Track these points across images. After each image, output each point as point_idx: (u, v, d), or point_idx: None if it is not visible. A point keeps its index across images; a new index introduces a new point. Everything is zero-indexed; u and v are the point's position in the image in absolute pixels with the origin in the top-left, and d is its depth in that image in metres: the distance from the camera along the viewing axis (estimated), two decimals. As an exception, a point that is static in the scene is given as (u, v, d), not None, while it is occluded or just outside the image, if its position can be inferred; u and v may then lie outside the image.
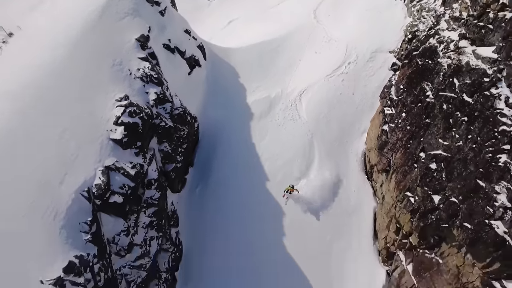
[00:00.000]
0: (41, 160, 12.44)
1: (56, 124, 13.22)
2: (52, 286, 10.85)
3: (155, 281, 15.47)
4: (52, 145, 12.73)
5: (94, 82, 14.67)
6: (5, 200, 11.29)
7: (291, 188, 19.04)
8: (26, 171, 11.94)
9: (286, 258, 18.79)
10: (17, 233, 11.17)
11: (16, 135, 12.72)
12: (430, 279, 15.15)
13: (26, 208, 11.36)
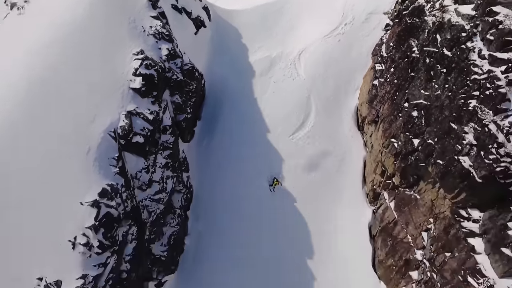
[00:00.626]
0: (75, 107, 14.40)
1: (84, 75, 15.06)
2: (90, 206, 13.07)
3: (171, 215, 17.80)
4: (82, 92, 14.61)
5: (114, 38, 16.33)
6: (51, 138, 13.39)
7: (277, 181, 20.67)
8: (64, 115, 13.97)
9: (282, 199, 21.25)
10: (62, 165, 13.35)
11: (49, 86, 14.60)
12: (408, 212, 17.48)
13: (67, 144, 13.53)
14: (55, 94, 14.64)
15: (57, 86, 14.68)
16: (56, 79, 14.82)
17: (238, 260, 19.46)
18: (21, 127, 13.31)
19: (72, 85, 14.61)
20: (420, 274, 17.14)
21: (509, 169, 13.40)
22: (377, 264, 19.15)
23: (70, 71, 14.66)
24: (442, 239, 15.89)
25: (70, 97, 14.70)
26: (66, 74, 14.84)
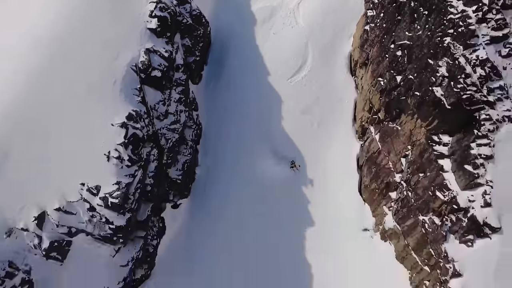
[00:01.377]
0: (101, 46, 16.54)
1: (108, 17, 17.09)
2: (119, 127, 15.46)
3: (184, 146, 20.31)
4: (107, 32, 16.63)
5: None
6: (84, 73, 15.66)
7: (294, 165, 22.46)
8: (92, 55, 16.19)
9: (282, 138, 23.69)
10: (95, 95, 15.72)
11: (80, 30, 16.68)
12: (390, 142, 20.01)
13: (97, 78, 15.85)
14: (84, 38, 16.83)
15: (85, 29, 16.92)
16: (84, 22, 17.02)
17: (242, 193, 22.47)
18: (58, 60, 15.50)
19: (99, 27, 16.81)
20: (398, 194, 20.05)
21: (474, 96, 15.76)
22: (362, 189, 22.10)
23: (97, 13, 16.77)
24: (417, 162, 18.56)
25: (96, 38, 16.78)
26: (94, 19, 16.91)
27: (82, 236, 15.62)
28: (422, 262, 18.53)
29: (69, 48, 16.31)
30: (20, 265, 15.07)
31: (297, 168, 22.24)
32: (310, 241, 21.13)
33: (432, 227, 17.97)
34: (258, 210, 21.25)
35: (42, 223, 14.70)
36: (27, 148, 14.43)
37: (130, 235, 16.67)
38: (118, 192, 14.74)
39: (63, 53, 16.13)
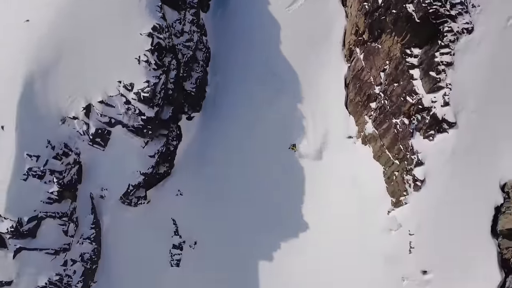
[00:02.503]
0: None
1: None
2: (146, 36, 18.75)
3: (196, 64, 23.67)
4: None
5: None
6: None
7: (293, 147, 25.36)
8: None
9: (282, 64, 26.92)
10: (124, 10, 18.77)
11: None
12: (372, 59, 23.34)
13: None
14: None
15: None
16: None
17: (247, 107, 26.11)
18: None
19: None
20: (377, 104, 23.70)
21: (439, 11, 18.82)
22: (348, 103, 25.80)
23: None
24: (393, 74, 22.00)
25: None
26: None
27: (119, 127, 19.49)
28: (393, 157, 22.63)
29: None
30: (72, 148, 19.06)
31: (295, 150, 25.50)
32: (304, 145, 25.36)
33: (402, 127, 21.86)
34: (261, 119, 25.47)
35: (88, 113, 18.47)
36: (76, 52, 17.81)
37: (156, 130, 20.59)
38: (148, 88, 18.33)
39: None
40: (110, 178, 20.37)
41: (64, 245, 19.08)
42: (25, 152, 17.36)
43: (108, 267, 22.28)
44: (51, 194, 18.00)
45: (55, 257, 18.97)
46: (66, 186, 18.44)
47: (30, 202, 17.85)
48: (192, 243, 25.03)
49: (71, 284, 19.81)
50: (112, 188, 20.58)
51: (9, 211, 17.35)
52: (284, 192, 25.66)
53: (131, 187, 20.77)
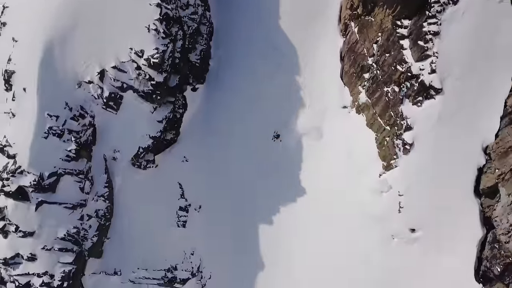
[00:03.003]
0: None
1: None
2: (155, 6, 20.16)
3: (200, 37, 25.10)
4: None
5: None
6: None
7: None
8: None
9: (283, 37, 28.31)
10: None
11: None
12: (366, 32, 24.74)
13: None
14: None
15: None
16: None
17: (249, 78, 27.68)
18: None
19: None
20: (369, 74, 25.16)
21: (425, -19, 20.19)
22: (343, 75, 27.26)
23: None
24: (385, 45, 23.43)
25: None
26: None
27: (130, 92, 21.05)
28: (385, 124, 24.22)
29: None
30: (87, 110, 20.61)
31: (280, 140, 27.18)
32: (302, 116, 27.01)
33: (393, 95, 23.41)
34: (262, 92, 27.14)
35: (102, 77, 20.00)
36: (91, 20, 19.25)
37: (164, 97, 22.18)
38: (157, 55, 19.82)
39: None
40: (122, 140, 22.05)
41: (80, 201, 20.84)
42: (46, 112, 18.99)
43: (120, 225, 24.06)
44: (69, 152, 19.64)
45: (73, 212, 20.72)
46: (83, 145, 20.08)
47: (51, 159, 19.52)
48: (197, 206, 26.82)
49: (87, 237, 21.61)
50: (124, 150, 22.27)
51: (32, 166, 19.03)
52: (282, 159, 27.36)
53: (141, 149, 22.45)
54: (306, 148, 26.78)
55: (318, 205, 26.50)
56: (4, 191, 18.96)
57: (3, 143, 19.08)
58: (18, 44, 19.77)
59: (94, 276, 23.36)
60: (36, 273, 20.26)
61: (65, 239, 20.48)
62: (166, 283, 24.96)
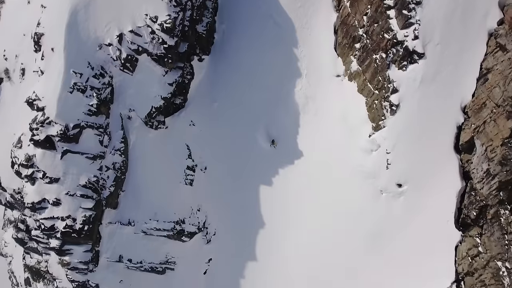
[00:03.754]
0: None
1: None
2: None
3: (206, 11, 27.50)
4: None
5: None
6: None
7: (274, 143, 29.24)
8: None
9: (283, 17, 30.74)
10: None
11: None
12: (357, 5, 27.22)
13: None
14: None
15: None
16: None
17: (253, 48, 30.14)
18: None
19: None
20: (360, 44, 27.53)
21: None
22: (337, 46, 29.68)
23: None
24: (373, 16, 25.88)
25: None
26: None
27: (145, 56, 23.47)
28: (374, 88, 26.61)
29: None
30: (107, 71, 22.95)
31: (275, 146, 29.44)
32: (299, 84, 29.36)
33: (381, 61, 25.81)
34: (263, 63, 29.67)
35: (121, 40, 22.39)
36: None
37: (174, 62, 24.55)
38: (170, 20, 22.14)
39: None
40: (136, 100, 24.48)
41: (100, 152, 23.20)
42: (71, 69, 21.35)
43: (134, 179, 26.43)
44: (91, 107, 22.01)
45: (93, 162, 23.06)
46: (102, 102, 22.46)
47: (75, 112, 21.89)
48: (203, 167, 29.19)
49: (105, 187, 23.95)
50: (138, 109, 24.74)
51: (58, 117, 21.39)
52: (280, 124, 29.81)
53: (153, 109, 24.85)
54: (302, 112, 29.23)
55: (313, 163, 28.92)
56: (33, 140, 21.34)
57: (32, 97, 21.50)
58: (46, 9, 22.23)
59: (110, 225, 25.83)
60: (60, 216, 22.71)
61: (86, 187, 22.88)
62: (175, 235, 27.35)
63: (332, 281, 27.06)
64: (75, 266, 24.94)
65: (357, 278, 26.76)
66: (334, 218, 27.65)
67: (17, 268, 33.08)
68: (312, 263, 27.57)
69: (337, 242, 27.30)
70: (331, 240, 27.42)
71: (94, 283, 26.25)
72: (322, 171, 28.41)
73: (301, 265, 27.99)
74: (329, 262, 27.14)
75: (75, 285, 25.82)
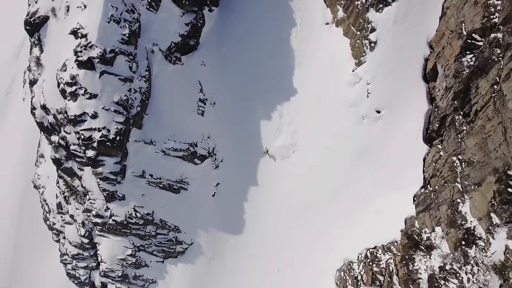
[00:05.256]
0: None
1: None
2: None
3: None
4: None
5: None
6: None
7: (267, 151, 34.36)
8: None
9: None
10: None
11: None
12: (342, -38, 32.08)
13: None
14: None
15: None
16: None
17: (252, 12, 35.28)
18: None
19: None
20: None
21: None
22: (327, 1, 34.62)
23: None
24: (355, -32, 30.80)
25: None
26: None
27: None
28: (356, 30, 31.64)
29: None
30: (136, 8, 28.03)
31: (268, 154, 34.27)
32: (294, 32, 34.39)
33: (361, 6, 30.76)
34: (267, 12, 34.95)
35: (148, -18, 27.51)
36: None
37: (190, 5, 29.47)
38: (187, -34, 27.22)
39: None
40: (159, 35, 29.64)
41: (129, 76, 28.10)
42: (109, 3, 26.31)
43: (155, 105, 31.39)
44: (123, 36, 26.97)
45: (124, 84, 27.98)
46: (133, 33, 27.36)
47: (111, 39, 26.83)
48: (212, 102, 34.14)
49: (133, 106, 28.90)
50: (160, 43, 29.73)
51: (98, 41, 26.33)
52: (278, 66, 34.77)
53: (172, 44, 29.89)
54: (297, 55, 34.25)
55: (308, 99, 33.87)
56: (78, 61, 26.17)
57: (77, 27, 26.42)
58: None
59: (136, 143, 30.70)
60: (97, 127, 27.56)
61: (118, 103, 27.73)
62: (189, 156, 32.18)
63: (322, 192, 31.98)
64: (106, 176, 29.87)
65: (343, 189, 31.78)
66: (324, 141, 32.64)
67: (49, 196, 38.03)
68: (304, 178, 32.54)
69: (326, 160, 32.30)
70: (320, 159, 32.41)
71: (121, 194, 31.19)
72: (313, 102, 33.40)
73: (295, 181, 32.97)
74: (319, 176, 32.11)
75: (105, 194, 30.76)
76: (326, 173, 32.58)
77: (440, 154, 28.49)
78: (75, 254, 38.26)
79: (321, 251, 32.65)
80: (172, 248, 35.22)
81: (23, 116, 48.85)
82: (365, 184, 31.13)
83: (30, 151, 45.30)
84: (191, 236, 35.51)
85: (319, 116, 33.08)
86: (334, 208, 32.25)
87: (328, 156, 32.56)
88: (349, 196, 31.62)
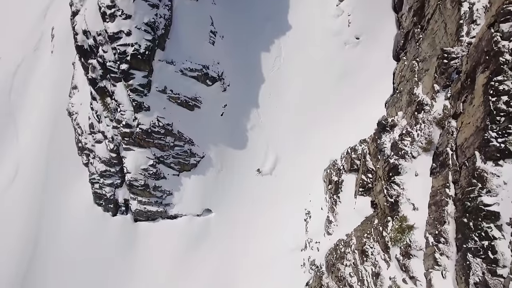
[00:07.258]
0: None
1: None
2: None
3: None
4: None
5: None
6: None
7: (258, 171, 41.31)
8: None
9: None
10: None
11: None
12: None
13: None
14: None
15: None
16: None
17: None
18: None
19: None
20: None
21: None
22: (316, -50, 41.60)
23: None
24: None
25: None
26: None
27: None
28: (340, -28, 38.44)
29: None
30: None
31: (260, 172, 41.47)
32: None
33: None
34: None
35: None
36: None
37: None
38: None
39: None
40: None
41: (156, 3, 34.83)
42: None
43: (175, 31, 38.03)
44: (153, -32, 33.88)
45: (152, 8, 34.77)
46: (160, -34, 34.35)
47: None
48: (221, 35, 40.84)
49: (159, 28, 35.60)
50: (181, -21, 36.70)
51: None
52: (275, 22, 41.75)
53: (190, -20, 36.83)
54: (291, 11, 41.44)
55: (300, 33, 40.91)
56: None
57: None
58: None
59: (159, 62, 37.32)
60: (130, 43, 34.18)
61: (147, 24, 34.37)
62: (202, 76, 38.78)
63: (311, 105, 38.78)
64: (136, 88, 36.44)
65: (328, 103, 38.63)
66: (313, 65, 39.49)
67: (82, 120, 44.45)
68: (298, 93, 39.36)
69: (316, 79, 39.15)
70: (311, 78, 39.24)
71: (147, 105, 37.77)
72: (305, 35, 40.33)
73: (291, 97, 39.77)
74: (309, 91, 38.91)
75: (134, 103, 37.29)
76: (316, 90, 39.48)
77: (404, 64, 35.45)
78: (103, 171, 44.70)
79: (312, 156, 39.51)
80: (187, 160, 41.76)
81: (51, 66, 55.52)
82: (346, 97, 38.05)
83: (60, 90, 51.94)
84: (203, 149, 42.12)
85: (310, 44, 40.00)
86: (323, 118, 39.18)
87: (316, 77, 39.47)
88: (333, 107, 38.53)
